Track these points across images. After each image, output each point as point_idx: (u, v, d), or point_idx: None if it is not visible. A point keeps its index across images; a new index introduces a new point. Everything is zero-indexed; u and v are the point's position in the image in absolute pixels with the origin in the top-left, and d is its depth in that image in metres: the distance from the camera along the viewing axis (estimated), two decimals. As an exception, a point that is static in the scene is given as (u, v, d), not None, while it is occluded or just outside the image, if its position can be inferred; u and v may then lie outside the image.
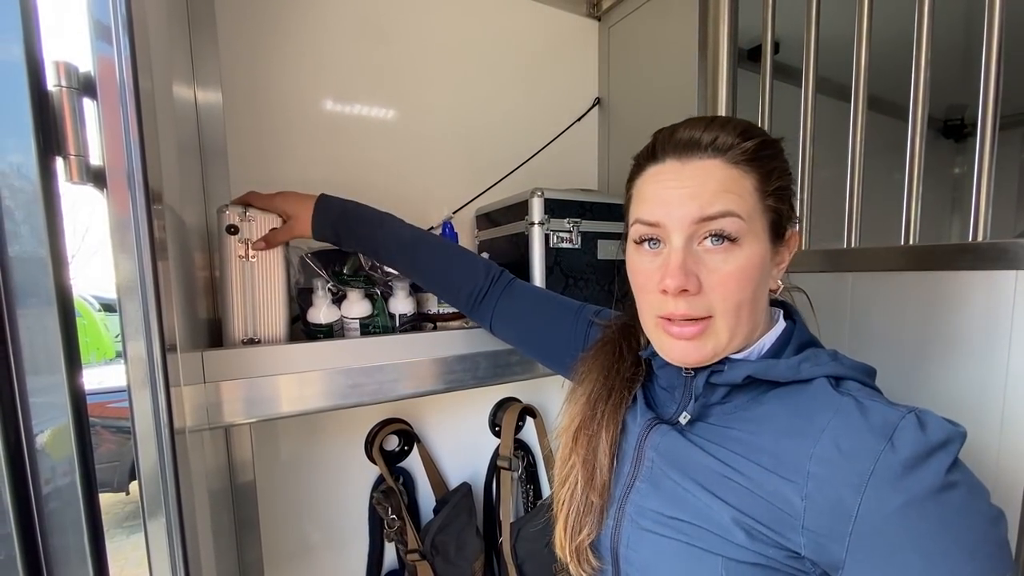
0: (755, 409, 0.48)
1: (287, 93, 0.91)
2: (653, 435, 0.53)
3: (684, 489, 0.48)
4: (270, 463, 0.93)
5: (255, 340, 0.70)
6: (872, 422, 0.41)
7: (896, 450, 0.39)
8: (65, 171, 0.37)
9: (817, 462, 0.41)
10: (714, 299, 0.46)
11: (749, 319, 0.48)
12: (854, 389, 0.45)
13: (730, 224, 0.45)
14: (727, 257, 0.46)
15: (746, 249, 0.46)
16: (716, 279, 0.46)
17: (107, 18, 0.35)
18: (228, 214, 0.67)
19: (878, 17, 0.79)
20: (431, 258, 0.74)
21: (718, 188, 0.46)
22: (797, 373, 0.46)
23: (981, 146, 0.68)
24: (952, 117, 2.31)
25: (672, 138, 0.49)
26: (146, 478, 0.42)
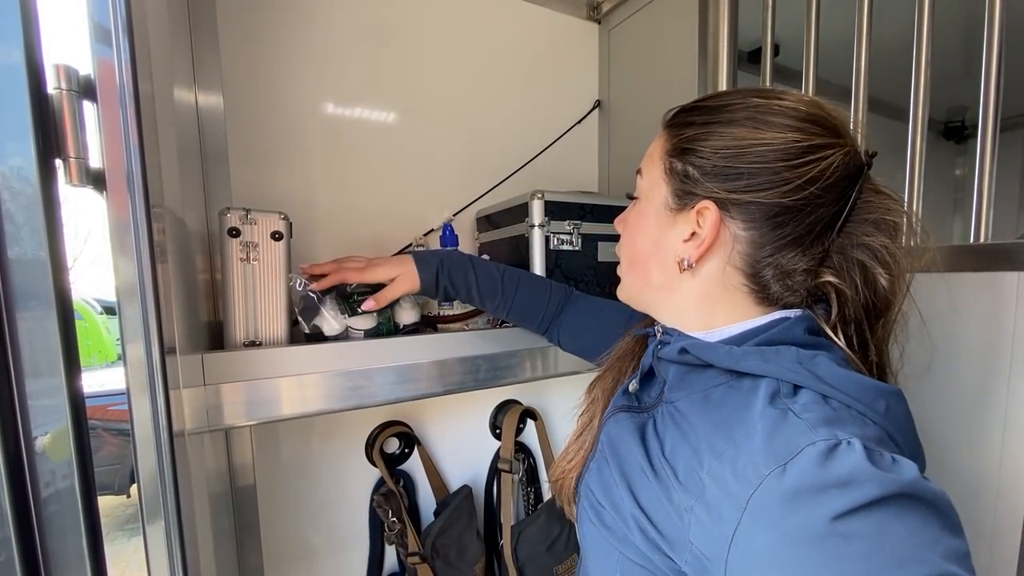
0: (701, 407, 0.44)
1: (288, 96, 0.91)
2: (610, 422, 0.53)
3: (613, 480, 0.48)
4: (270, 466, 0.93)
5: (256, 343, 0.70)
6: (775, 442, 0.35)
7: (784, 478, 0.33)
8: (65, 173, 0.37)
9: (711, 477, 0.38)
10: (622, 240, 0.56)
11: (642, 276, 0.52)
12: (801, 401, 0.38)
13: (637, 181, 0.53)
14: (632, 208, 0.54)
15: (640, 205, 0.52)
16: (626, 222, 0.55)
17: (107, 21, 0.35)
18: (230, 216, 0.67)
19: (878, 19, 0.79)
20: (514, 294, 0.76)
21: (648, 150, 0.53)
22: (736, 363, 0.41)
23: (982, 147, 0.68)
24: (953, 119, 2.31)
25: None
26: (145, 481, 0.41)
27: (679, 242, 0.47)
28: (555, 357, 0.88)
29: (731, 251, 0.45)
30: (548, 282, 0.79)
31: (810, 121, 0.43)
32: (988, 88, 0.67)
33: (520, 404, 1.18)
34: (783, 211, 0.43)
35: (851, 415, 0.37)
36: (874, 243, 0.43)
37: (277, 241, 0.70)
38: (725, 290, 0.47)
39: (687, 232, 0.47)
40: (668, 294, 0.50)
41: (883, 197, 0.45)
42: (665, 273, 0.50)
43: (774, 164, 0.42)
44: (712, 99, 0.48)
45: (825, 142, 0.43)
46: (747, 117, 0.44)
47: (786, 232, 0.43)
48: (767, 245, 0.44)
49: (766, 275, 0.45)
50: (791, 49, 0.97)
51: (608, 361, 0.63)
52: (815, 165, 0.42)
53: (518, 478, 1.15)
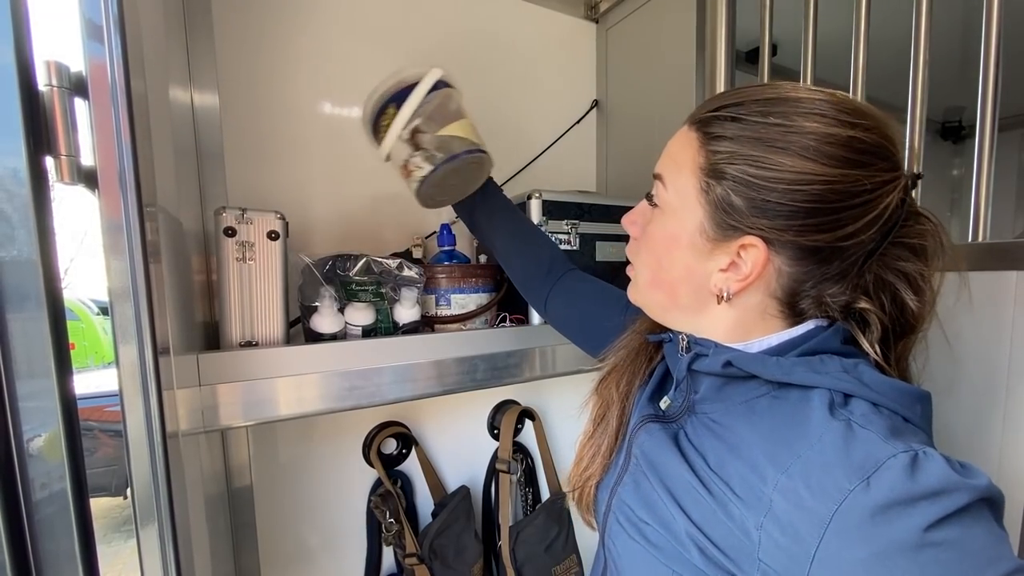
0: (747, 418, 0.44)
1: (284, 96, 0.90)
2: (641, 433, 0.52)
3: (657, 495, 0.46)
4: (267, 466, 0.92)
5: (253, 343, 0.69)
6: (852, 455, 0.35)
7: (870, 492, 0.33)
8: (56, 171, 0.36)
9: (781, 492, 0.36)
10: (639, 249, 0.51)
11: (669, 296, 0.49)
12: (858, 411, 0.38)
13: (658, 189, 0.48)
14: (652, 217, 0.49)
15: (667, 221, 0.47)
16: (644, 233, 0.50)
17: (99, 18, 0.35)
18: (225, 216, 0.67)
19: (876, 19, 0.79)
20: (516, 228, 0.78)
21: (672, 152, 0.47)
22: (787, 375, 0.41)
23: (980, 147, 0.67)
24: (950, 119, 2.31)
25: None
26: (139, 483, 0.41)
27: (715, 271, 0.44)
28: (553, 357, 0.88)
29: (773, 284, 0.44)
30: (546, 242, 0.79)
31: (874, 155, 0.40)
32: (986, 88, 0.67)
33: (518, 404, 1.17)
34: (833, 251, 0.41)
35: (902, 422, 0.38)
36: (909, 268, 0.43)
37: (273, 241, 0.70)
38: (760, 316, 0.45)
39: (725, 262, 0.44)
40: (697, 315, 0.48)
41: (922, 219, 0.44)
42: (696, 297, 0.47)
43: (834, 204, 0.39)
44: (750, 105, 0.41)
45: (888, 178, 0.40)
46: (803, 148, 0.39)
47: (832, 268, 0.42)
48: (810, 280, 0.43)
49: (804, 304, 0.44)
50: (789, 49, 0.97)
51: (617, 361, 0.60)
52: (877, 204, 0.40)
53: (516, 478, 1.15)
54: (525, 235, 0.78)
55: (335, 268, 0.76)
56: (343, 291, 0.76)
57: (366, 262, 0.77)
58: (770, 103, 0.41)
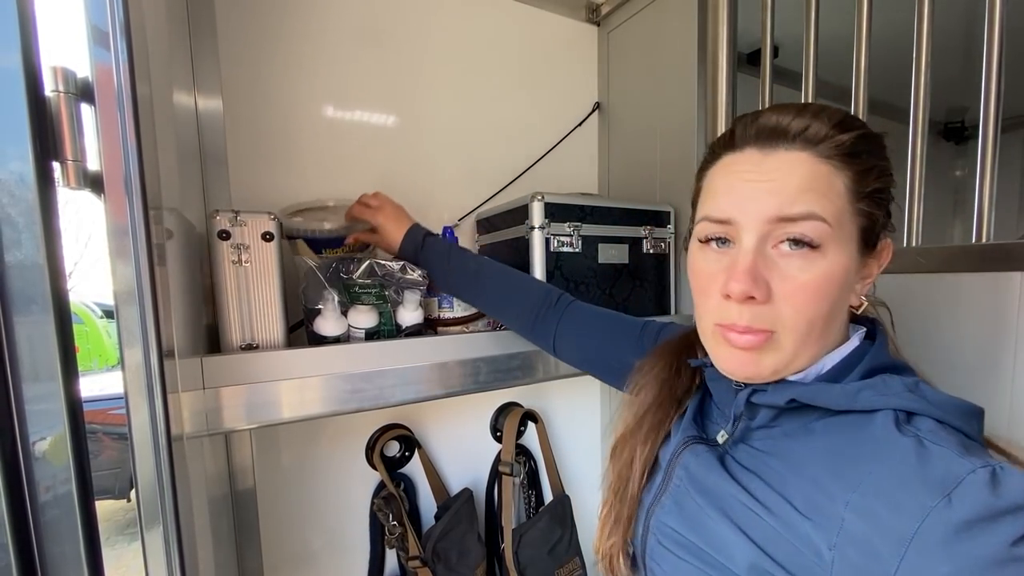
0: (804, 439, 0.43)
1: (287, 99, 0.91)
2: (686, 454, 0.50)
3: (708, 516, 0.45)
4: (270, 469, 0.93)
5: (253, 345, 0.69)
6: (930, 471, 0.34)
7: (952, 508, 0.32)
8: (62, 176, 0.37)
9: (855, 511, 0.36)
10: (783, 311, 0.41)
11: (820, 338, 0.43)
12: (925, 427, 0.37)
13: (812, 228, 0.40)
14: (805, 265, 0.40)
15: (829, 258, 0.40)
16: (789, 289, 0.40)
17: (105, 24, 0.35)
18: (219, 219, 0.67)
19: (877, 20, 0.79)
20: (492, 287, 0.78)
21: (803, 185, 0.40)
22: (853, 402, 0.40)
23: (983, 148, 0.67)
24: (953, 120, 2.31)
25: (755, 123, 0.43)
26: (143, 486, 0.41)
27: (857, 283, 0.44)
28: (556, 360, 0.88)
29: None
30: (540, 286, 0.78)
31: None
32: (988, 89, 0.67)
33: (521, 407, 1.17)
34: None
35: (965, 439, 0.38)
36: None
37: (268, 242, 0.70)
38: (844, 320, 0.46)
39: (867, 272, 0.44)
40: (822, 344, 0.44)
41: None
42: (836, 323, 0.44)
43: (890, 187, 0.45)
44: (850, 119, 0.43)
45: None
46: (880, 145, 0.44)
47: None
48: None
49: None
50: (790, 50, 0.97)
51: (635, 423, 0.57)
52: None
53: (519, 481, 1.15)
54: (507, 285, 0.78)
55: (338, 271, 0.76)
56: (346, 294, 0.76)
57: (369, 265, 0.77)
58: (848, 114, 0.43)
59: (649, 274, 1.01)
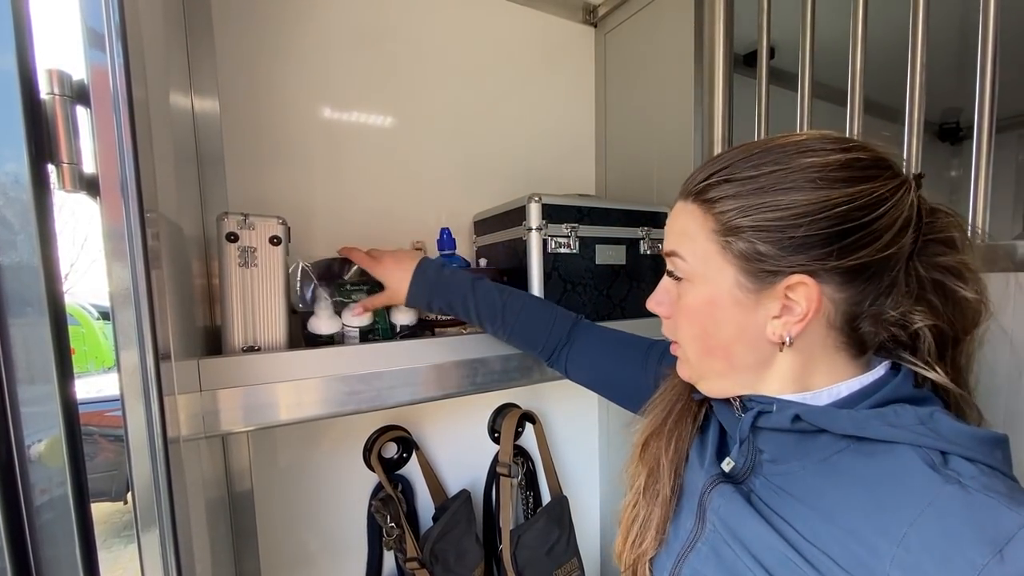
0: (829, 477, 0.42)
1: (284, 101, 0.91)
2: (715, 496, 0.48)
3: (745, 566, 0.43)
4: (268, 471, 0.92)
5: (255, 348, 0.69)
6: (978, 525, 0.33)
7: (1005, 565, 0.31)
8: (58, 179, 0.36)
9: (899, 567, 0.34)
10: (678, 325, 0.50)
11: (725, 359, 0.47)
12: (966, 472, 0.36)
13: (676, 263, 0.48)
14: (682, 292, 0.48)
15: (698, 289, 0.46)
16: (678, 309, 0.49)
17: (100, 26, 0.35)
18: (227, 221, 0.67)
19: (873, 21, 0.80)
20: (515, 320, 0.75)
21: (677, 228, 0.48)
22: (861, 429, 0.40)
23: (978, 148, 0.68)
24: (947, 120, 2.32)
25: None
26: (139, 488, 0.41)
27: (768, 320, 0.44)
28: (553, 360, 0.88)
29: (832, 315, 0.43)
30: (554, 311, 0.77)
31: (877, 166, 0.41)
32: (983, 89, 0.67)
33: (519, 408, 1.17)
34: (879, 263, 0.41)
35: (1002, 477, 0.37)
36: (949, 261, 0.43)
37: (275, 246, 0.70)
38: (825, 352, 0.44)
39: (776, 308, 0.43)
40: (762, 371, 0.46)
41: (940, 213, 0.44)
42: (756, 353, 0.45)
43: (863, 219, 0.40)
44: (738, 164, 0.44)
45: (898, 182, 0.41)
46: (810, 180, 0.40)
47: (883, 282, 0.42)
48: (866, 300, 0.43)
49: (864, 327, 0.44)
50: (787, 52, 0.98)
51: (656, 424, 0.57)
52: (901, 207, 0.41)
53: (517, 482, 1.14)
54: (532, 320, 0.76)
55: (330, 271, 0.77)
56: (338, 293, 0.77)
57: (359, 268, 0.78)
58: (759, 156, 0.43)
59: (646, 275, 1.01)
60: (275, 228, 0.69)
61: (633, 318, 0.98)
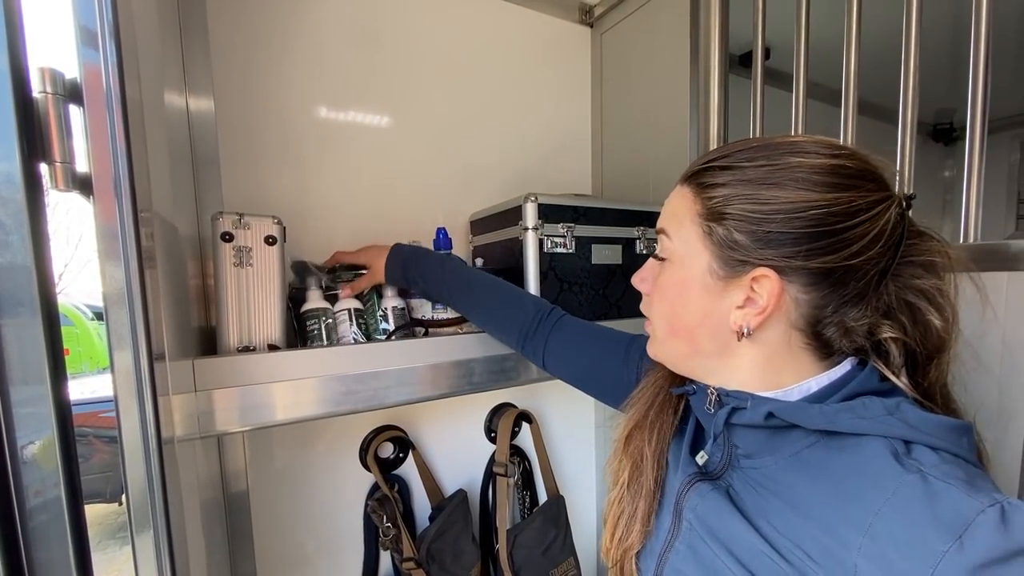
0: (802, 472, 0.43)
1: (280, 100, 0.91)
2: (692, 495, 0.49)
3: (722, 563, 0.44)
4: (264, 472, 0.92)
5: (250, 348, 0.69)
6: (939, 513, 0.34)
7: (964, 552, 0.32)
8: (51, 178, 0.36)
9: (866, 557, 0.35)
10: (652, 302, 0.52)
11: (689, 342, 0.49)
12: (927, 461, 0.37)
13: (663, 242, 0.50)
14: (660, 270, 0.50)
15: (675, 269, 0.48)
16: (655, 287, 0.51)
17: (93, 23, 0.35)
18: (222, 221, 0.67)
19: (867, 22, 0.80)
20: (485, 298, 0.78)
21: (670, 209, 0.49)
22: (832, 423, 0.41)
23: (971, 149, 0.68)
24: (941, 121, 2.33)
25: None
26: (133, 490, 0.41)
27: (732, 309, 0.45)
28: (550, 360, 0.88)
29: (793, 314, 0.44)
30: (530, 299, 0.77)
31: (862, 177, 0.42)
32: (976, 91, 0.67)
33: (515, 407, 1.17)
34: (845, 271, 0.42)
35: (964, 464, 0.38)
36: (924, 285, 0.44)
37: (271, 246, 0.70)
38: (789, 351, 0.45)
39: (740, 299, 0.44)
40: (723, 360, 0.48)
41: (926, 237, 0.45)
42: (717, 340, 0.47)
43: (834, 226, 0.41)
44: (736, 155, 0.45)
45: (880, 196, 0.42)
46: (795, 179, 0.41)
47: (848, 291, 0.43)
48: (829, 305, 0.43)
49: (828, 332, 0.44)
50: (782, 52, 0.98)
51: (638, 417, 0.58)
52: (876, 222, 0.41)
53: (513, 481, 1.14)
54: (499, 298, 0.78)
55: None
56: (332, 275, 0.82)
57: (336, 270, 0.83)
58: (755, 150, 0.44)
59: (642, 274, 1.02)
60: (270, 228, 0.69)
61: (629, 317, 0.98)
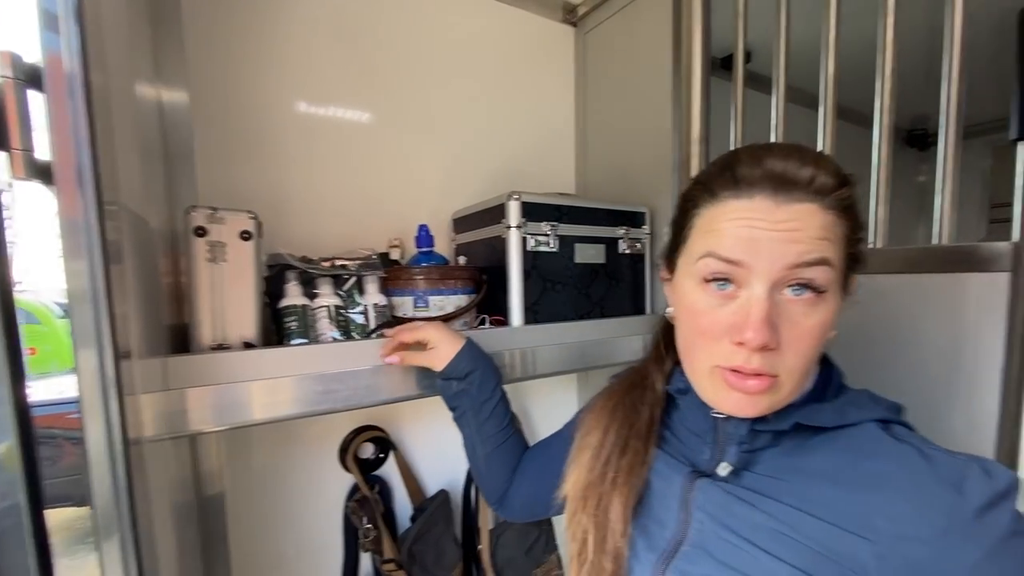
0: (804, 457, 0.45)
1: (258, 94, 0.88)
2: (698, 494, 0.49)
3: (742, 550, 0.44)
4: (241, 473, 0.90)
5: (225, 346, 0.67)
6: (940, 472, 0.39)
7: (966, 499, 0.37)
8: (10, 166, 0.34)
9: (887, 518, 0.39)
10: (788, 357, 0.42)
11: (810, 374, 0.46)
12: (905, 435, 0.44)
13: (823, 274, 0.42)
14: (809, 311, 0.42)
15: (829, 301, 0.43)
16: (795, 334, 0.42)
17: (55, 6, 0.33)
18: (195, 215, 0.65)
19: (846, 29, 0.81)
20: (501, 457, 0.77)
21: (818, 235, 0.41)
22: (843, 418, 0.44)
23: (944, 154, 0.70)
24: (917, 127, 2.39)
25: (763, 168, 0.42)
26: (99, 493, 0.39)
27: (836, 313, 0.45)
28: (534, 358, 0.88)
29: None
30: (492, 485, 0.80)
31: None
32: (949, 97, 0.69)
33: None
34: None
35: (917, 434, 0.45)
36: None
37: (246, 241, 0.68)
38: None
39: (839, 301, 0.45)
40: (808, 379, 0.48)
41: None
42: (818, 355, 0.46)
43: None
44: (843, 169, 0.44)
45: None
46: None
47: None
48: None
49: None
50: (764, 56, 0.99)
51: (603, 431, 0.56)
52: None
53: (496, 482, 1.14)
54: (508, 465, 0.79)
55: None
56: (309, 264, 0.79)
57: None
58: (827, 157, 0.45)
59: (625, 274, 1.02)
60: (246, 223, 0.68)
61: (612, 316, 0.98)
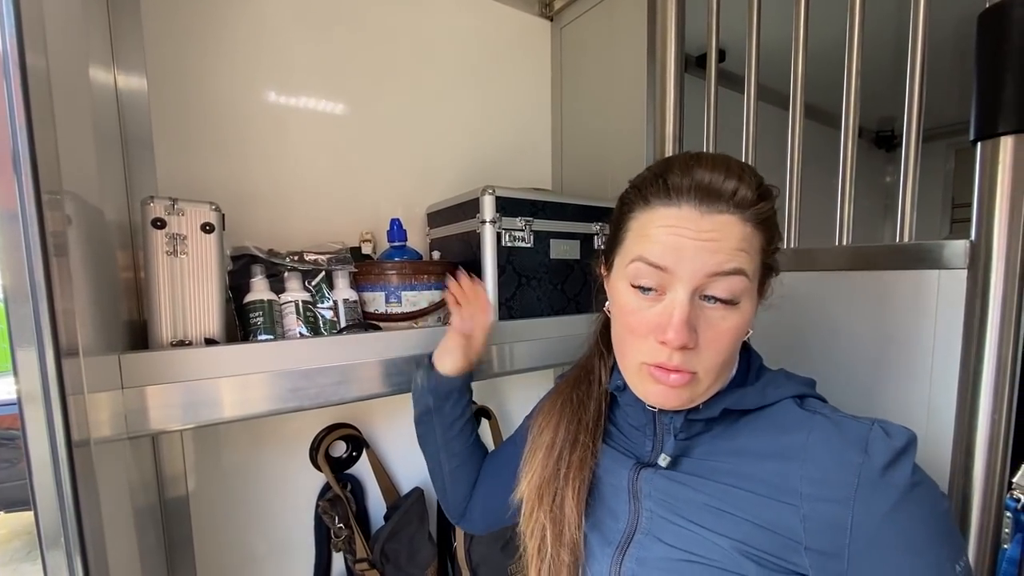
0: (734, 438, 0.50)
1: (221, 82, 0.85)
2: (644, 484, 0.53)
3: (687, 531, 0.49)
4: (208, 474, 0.87)
5: (186, 342, 0.65)
6: (847, 436, 0.44)
7: (872, 458, 0.42)
8: (-65, 152, 0.32)
9: (808, 482, 0.43)
10: (705, 355, 0.46)
11: (726, 370, 0.50)
12: (817, 406, 0.48)
13: (738, 283, 0.45)
14: (726, 314, 0.46)
15: (743, 307, 0.47)
16: (711, 336, 0.46)
17: (-16, -18, 0.31)
18: (153, 206, 0.63)
19: (815, 30, 0.83)
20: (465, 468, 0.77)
21: (735, 246, 0.45)
22: (764, 399, 0.49)
23: (906, 155, 0.72)
24: (883, 128, 2.46)
25: (691, 178, 0.45)
26: (42, 499, 0.37)
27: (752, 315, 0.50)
28: (511, 354, 0.87)
29: None
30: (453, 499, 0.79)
31: None
32: (912, 99, 0.71)
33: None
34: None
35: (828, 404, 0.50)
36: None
37: (208, 233, 0.66)
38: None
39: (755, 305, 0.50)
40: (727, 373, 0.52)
41: None
42: (735, 352, 0.51)
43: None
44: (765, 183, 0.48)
45: None
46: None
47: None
48: None
49: None
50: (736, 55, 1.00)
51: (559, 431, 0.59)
52: None
53: (471, 478, 1.13)
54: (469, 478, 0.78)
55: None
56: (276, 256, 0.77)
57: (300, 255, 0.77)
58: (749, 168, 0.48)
59: (600, 270, 1.02)
60: (207, 215, 0.65)
61: (587, 312, 0.98)
